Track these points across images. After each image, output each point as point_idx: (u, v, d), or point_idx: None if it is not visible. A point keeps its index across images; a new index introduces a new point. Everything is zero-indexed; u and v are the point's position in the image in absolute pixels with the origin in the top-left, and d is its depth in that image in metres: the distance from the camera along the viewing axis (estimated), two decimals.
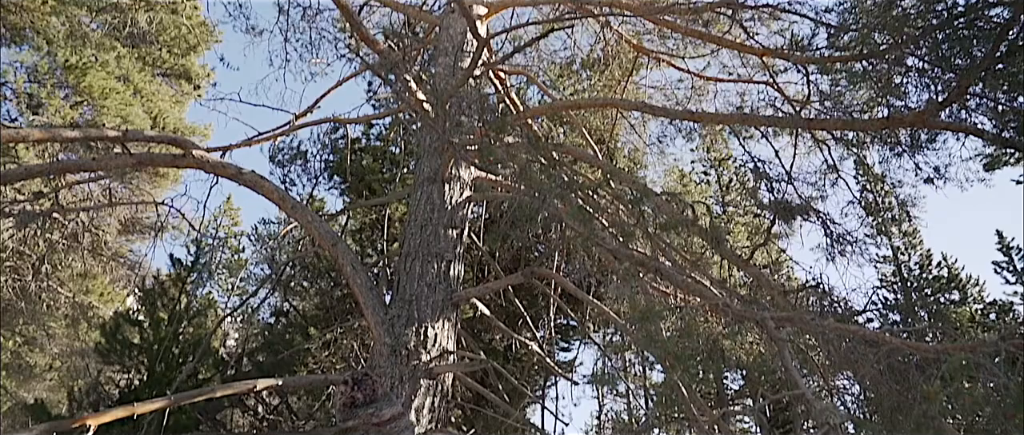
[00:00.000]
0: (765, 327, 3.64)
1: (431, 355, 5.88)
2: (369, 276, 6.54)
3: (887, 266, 16.78)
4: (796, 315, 4.21)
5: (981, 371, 3.23)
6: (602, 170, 6.98)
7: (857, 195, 8.99)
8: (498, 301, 8.70)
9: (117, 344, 8.86)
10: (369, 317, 6.10)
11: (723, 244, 6.29)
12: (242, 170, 6.44)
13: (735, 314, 4.17)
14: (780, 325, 3.79)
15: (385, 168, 10.88)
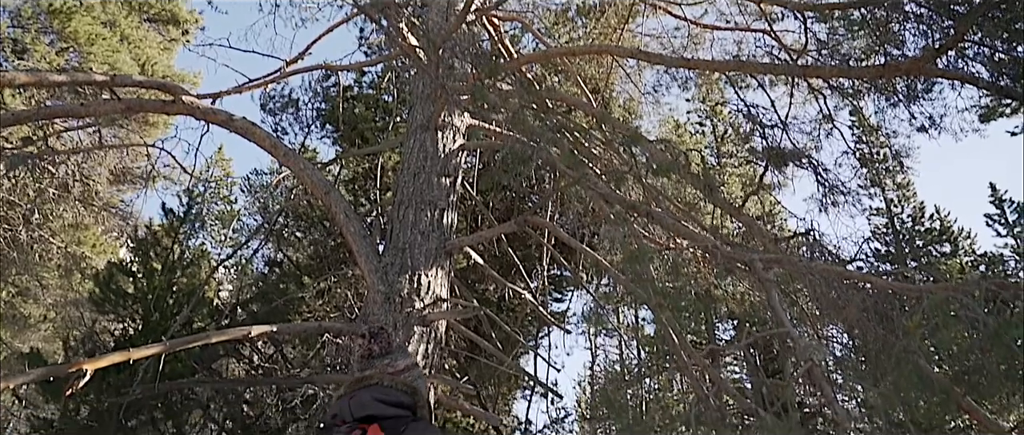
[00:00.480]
0: (753, 269, 3.66)
1: (425, 303, 5.90)
2: (362, 224, 6.53)
3: (880, 218, 16.85)
4: (784, 258, 4.22)
5: (961, 308, 3.25)
6: (595, 116, 6.94)
7: (851, 146, 8.99)
8: (491, 251, 8.71)
9: (111, 294, 8.87)
10: (362, 265, 6.11)
11: (716, 192, 6.29)
12: (232, 116, 6.37)
13: (724, 256, 4.18)
14: (768, 267, 3.80)
15: (378, 116, 10.77)
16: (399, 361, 2.75)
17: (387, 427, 2.29)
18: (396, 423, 2.34)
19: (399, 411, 2.41)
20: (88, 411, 8.49)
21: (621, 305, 15.25)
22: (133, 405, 8.23)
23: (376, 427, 2.27)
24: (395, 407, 2.40)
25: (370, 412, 2.34)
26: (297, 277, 8.69)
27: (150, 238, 9.51)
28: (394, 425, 2.31)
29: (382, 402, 2.38)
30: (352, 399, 2.41)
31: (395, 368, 2.67)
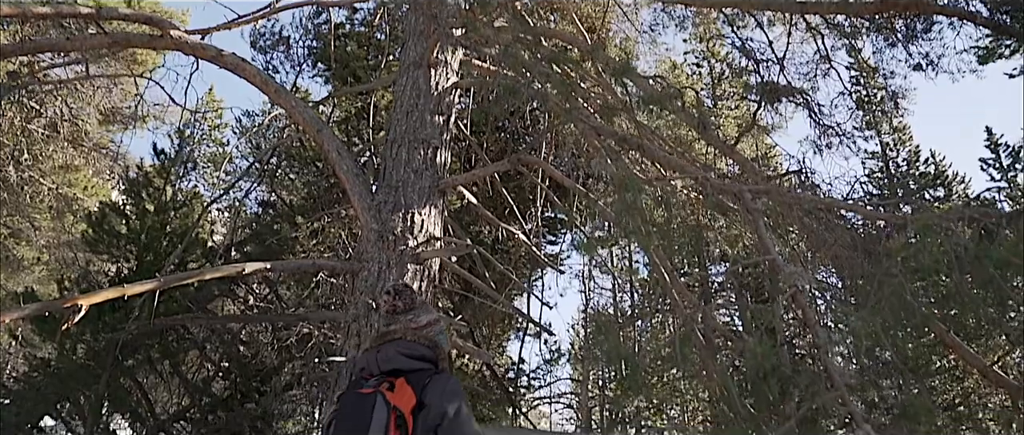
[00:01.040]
0: (742, 199, 3.66)
1: (418, 241, 5.90)
2: (355, 162, 6.49)
3: (875, 162, 16.82)
4: (772, 188, 4.22)
5: (944, 233, 3.25)
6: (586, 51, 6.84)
7: (848, 87, 8.92)
8: (486, 192, 8.68)
9: (104, 234, 8.84)
10: (356, 203, 6.09)
11: (709, 129, 6.25)
12: (222, 52, 6.27)
13: (714, 186, 4.18)
14: (756, 197, 3.80)
15: (370, 54, 10.60)
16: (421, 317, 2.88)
17: (412, 380, 2.48)
18: (420, 376, 2.52)
19: (422, 364, 2.59)
20: (85, 350, 8.55)
21: (615, 247, 15.34)
22: (129, 344, 8.29)
23: (402, 380, 2.46)
24: (419, 360, 2.59)
25: (396, 366, 2.54)
26: (291, 217, 8.67)
27: (142, 178, 9.44)
28: (418, 377, 2.50)
29: (407, 356, 2.58)
30: (379, 353, 2.61)
31: (417, 324, 2.80)
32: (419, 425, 2.36)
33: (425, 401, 2.41)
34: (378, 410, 2.34)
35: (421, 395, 2.42)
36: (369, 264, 5.79)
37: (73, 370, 8.29)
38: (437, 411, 2.39)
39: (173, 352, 9.32)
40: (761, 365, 2.08)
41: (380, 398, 2.37)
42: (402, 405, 2.38)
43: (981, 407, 12.25)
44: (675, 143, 6.82)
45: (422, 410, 2.39)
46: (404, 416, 2.35)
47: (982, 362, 4.02)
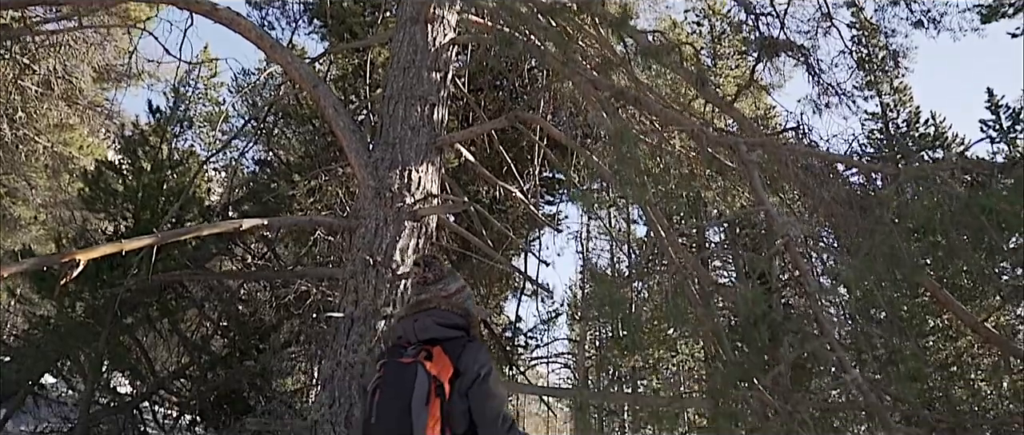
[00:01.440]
0: (738, 151, 3.65)
1: (415, 198, 5.90)
2: (351, 119, 6.46)
3: (875, 123, 16.78)
4: (768, 141, 4.21)
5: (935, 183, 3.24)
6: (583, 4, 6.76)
7: (849, 45, 8.85)
8: (483, 151, 8.64)
9: (101, 192, 8.81)
10: (352, 160, 6.07)
11: (708, 86, 6.20)
12: (217, 6, 6.20)
13: (710, 139, 4.18)
14: (752, 149, 3.79)
15: (366, 10, 10.47)
16: (451, 285, 3.06)
17: (447, 348, 2.70)
18: (454, 344, 2.75)
19: (456, 333, 2.82)
20: (83, 308, 8.58)
21: (612, 209, 15.35)
22: (128, 302, 8.32)
23: (439, 349, 2.68)
24: (453, 329, 2.82)
25: (432, 335, 2.76)
26: (287, 175, 8.64)
27: (138, 136, 9.38)
28: (453, 346, 2.73)
29: (441, 325, 2.80)
30: (416, 322, 2.82)
31: (448, 292, 2.99)
32: (455, 392, 2.59)
33: (460, 369, 2.63)
34: (419, 380, 2.55)
35: (457, 364, 2.64)
36: (366, 221, 5.80)
37: (72, 327, 8.33)
38: (470, 377, 2.62)
39: (172, 310, 9.36)
40: (752, 311, 2.09)
41: (421, 368, 2.58)
42: (440, 374, 2.59)
43: (973, 368, 12.38)
44: (673, 101, 6.77)
45: (458, 378, 2.61)
46: (442, 385, 2.57)
47: (973, 318, 4.04)
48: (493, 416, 2.62)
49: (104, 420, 9.09)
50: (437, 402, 2.54)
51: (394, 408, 2.55)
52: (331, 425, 5.06)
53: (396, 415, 2.52)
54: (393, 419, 2.53)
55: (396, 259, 5.64)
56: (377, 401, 2.63)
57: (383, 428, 2.57)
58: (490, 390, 2.65)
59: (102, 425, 9.09)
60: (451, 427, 2.57)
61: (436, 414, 2.52)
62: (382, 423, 2.57)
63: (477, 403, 2.63)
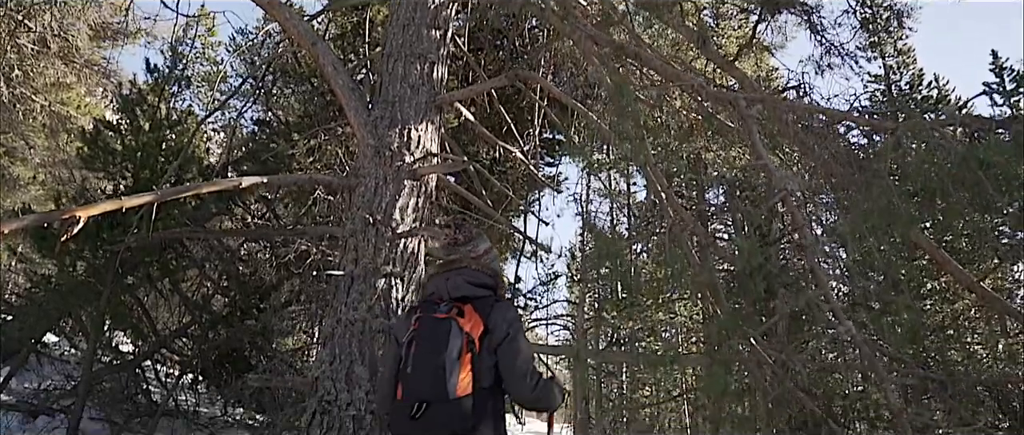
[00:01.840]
0: (737, 107, 3.64)
1: (415, 157, 5.89)
2: (351, 78, 6.42)
3: (877, 85, 16.67)
4: (767, 96, 4.19)
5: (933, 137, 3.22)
6: None
7: (853, 5, 8.76)
8: (483, 112, 8.61)
9: (99, 151, 8.79)
10: (351, 118, 6.05)
11: (709, 45, 6.15)
12: None
13: (709, 94, 4.16)
14: (751, 104, 3.77)
15: None
16: (479, 246, 3.35)
17: (478, 306, 2.95)
18: (484, 303, 2.99)
19: (485, 292, 3.07)
20: (84, 267, 8.62)
21: (612, 171, 15.33)
22: (128, 262, 8.35)
23: (470, 307, 2.92)
24: (482, 288, 3.07)
25: (463, 293, 3.00)
26: (286, 134, 8.62)
27: (135, 95, 9.32)
28: (483, 304, 2.97)
29: (472, 284, 3.05)
30: (448, 281, 3.07)
31: (477, 253, 3.28)
32: (484, 348, 2.85)
33: (490, 327, 2.88)
34: (453, 335, 2.80)
35: (486, 321, 2.89)
36: (366, 179, 5.80)
37: (73, 286, 8.37)
38: (499, 336, 2.88)
39: (172, 270, 9.40)
40: (748, 263, 2.11)
41: (454, 325, 2.83)
42: (472, 331, 2.84)
43: (970, 331, 12.47)
44: (674, 60, 6.72)
45: (487, 335, 2.86)
46: (474, 341, 2.82)
47: (970, 278, 4.06)
48: (522, 372, 2.86)
49: (107, 378, 9.19)
50: (468, 356, 2.80)
51: (429, 360, 2.80)
52: (332, 381, 5.10)
53: (431, 367, 2.77)
54: (428, 370, 2.77)
55: (396, 218, 5.65)
56: (413, 353, 2.87)
57: (418, 378, 2.81)
58: (519, 348, 2.88)
59: (105, 382, 9.20)
60: (478, 380, 2.81)
61: (467, 367, 2.78)
62: (417, 373, 2.82)
63: (507, 360, 2.88)
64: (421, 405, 2.79)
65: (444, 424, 2.75)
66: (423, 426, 2.78)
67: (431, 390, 2.78)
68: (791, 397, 2.21)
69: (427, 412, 2.77)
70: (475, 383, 2.82)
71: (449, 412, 2.75)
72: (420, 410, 2.79)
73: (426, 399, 2.79)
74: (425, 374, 2.80)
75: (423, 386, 2.81)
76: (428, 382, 2.79)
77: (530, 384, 2.90)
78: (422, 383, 2.81)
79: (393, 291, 5.42)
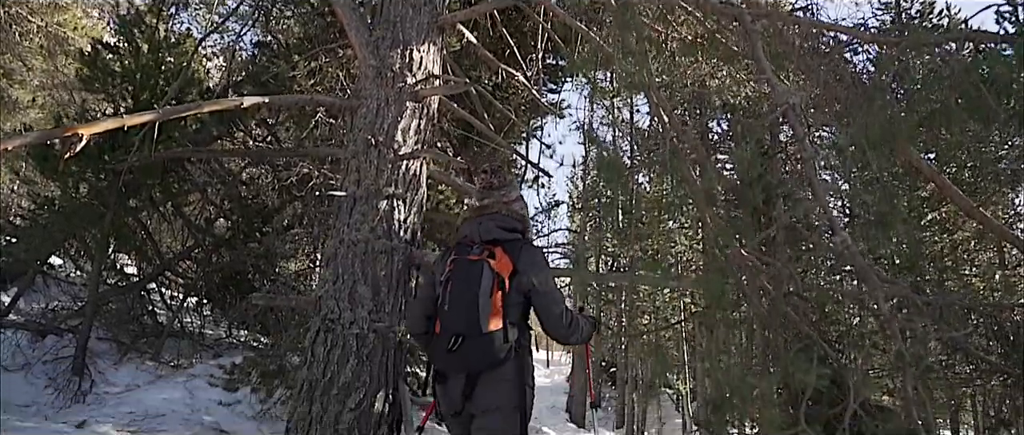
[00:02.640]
0: (742, 21, 3.59)
1: (416, 78, 5.85)
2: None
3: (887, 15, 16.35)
4: (772, 11, 4.13)
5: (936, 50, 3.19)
6: None
7: None
8: (486, 35, 8.49)
9: (99, 72, 8.71)
10: (353, 39, 5.99)
11: None
12: None
13: (713, 8, 4.11)
14: (756, 19, 3.73)
15: None
16: (511, 193, 3.57)
17: (507, 248, 3.23)
18: (513, 245, 3.28)
19: (514, 235, 3.35)
20: (87, 189, 8.66)
21: (616, 98, 15.22)
22: (131, 184, 8.39)
23: (500, 249, 3.21)
24: (511, 232, 3.34)
25: (494, 236, 3.28)
26: (287, 56, 8.52)
27: (133, 16, 9.19)
28: (512, 246, 3.26)
29: (502, 229, 3.33)
30: (480, 225, 3.35)
31: (508, 199, 3.51)
32: (513, 287, 3.13)
33: (519, 268, 3.16)
34: (485, 275, 3.09)
35: (515, 262, 3.17)
36: (367, 101, 5.77)
37: (77, 208, 8.43)
38: (528, 277, 3.14)
39: (174, 193, 9.45)
40: (747, 172, 2.13)
41: (486, 266, 3.12)
42: (502, 271, 3.13)
43: (968, 263, 12.57)
44: None
45: (516, 275, 3.14)
46: (504, 280, 3.10)
47: (970, 203, 4.07)
48: (557, 314, 3.18)
49: (113, 299, 9.34)
50: (499, 294, 3.09)
51: (464, 298, 3.10)
52: (335, 301, 5.18)
53: (465, 303, 3.07)
54: (463, 307, 3.08)
55: (397, 140, 5.64)
56: (449, 291, 3.17)
57: (454, 314, 3.12)
58: (550, 291, 3.18)
59: (111, 304, 9.35)
60: (508, 317, 3.11)
61: (498, 304, 3.08)
62: (453, 310, 3.13)
63: (543, 304, 3.19)
64: (457, 339, 3.09)
65: (478, 356, 3.07)
66: (459, 358, 3.10)
67: (466, 325, 3.08)
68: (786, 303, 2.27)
69: (462, 345, 3.08)
70: (505, 319, 3.11)
71: (482, 345, 3.06)
72: (456, 343, 3.09)
73: (461, 333, 3.09)
74: (460, 311, 3.12)
75: (458, 322, 3.11)
76: (463, 318, 3.09)
77: (565, 323, 3.21)
78: (457, 319, 3.11)
79: (395, 212, 5.45)
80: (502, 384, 3.14)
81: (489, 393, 3.13)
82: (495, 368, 3.12)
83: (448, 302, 3.20)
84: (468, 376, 3.14)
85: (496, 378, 3.13)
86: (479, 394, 3.13)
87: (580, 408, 18.30)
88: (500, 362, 3.11)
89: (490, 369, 3.11)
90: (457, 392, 3.18)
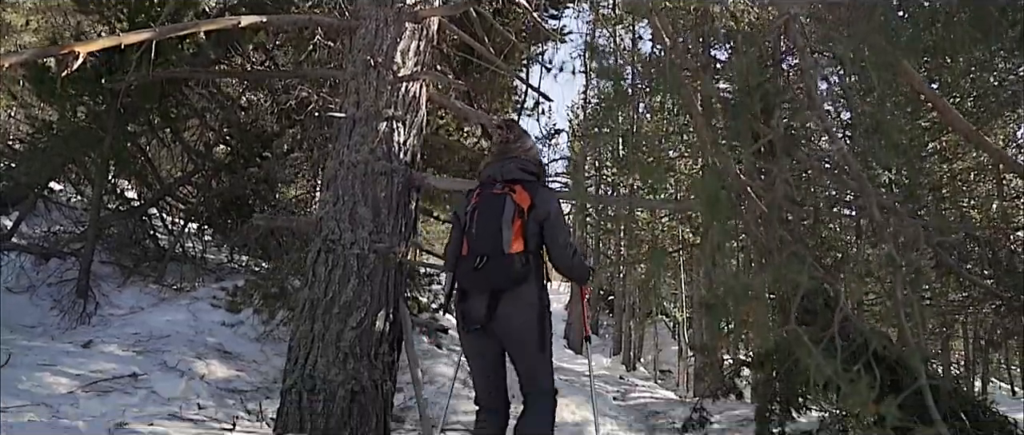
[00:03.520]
0: None
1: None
2: None
3: None
4: None
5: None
6: None
7: None
8: None
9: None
10: None
11: None
12: None
13: None
14: None
15: None
16: (527, 142, 3.96)
17: (526, 187, 3.62)
18: (531, 185, 3.67)
19: (532, 177, 3.73)
20: (85, 112, 8.61)
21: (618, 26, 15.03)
22: (129, 108, 8.35)
23: (520, 187, 3.60)
24: (530, 174, 3.71)
25: (515, 176, 3.65)
26: None
27: None
28: (530, 186, 3.65)
29: (521, 170, 3.69)
30: (502, 167, 3.72)
31: (525, 147, 3.90)
32: (531, 218, 3.51)
33: (535, 203, 3.54)
34: (507, 206, 3.50)
35: (533, 199, 3.55)
36: (366, 22, 5.72)
37: (75, 131, 8.40)
38: (543, 210, 3.54)
39: (173, 118, 9.40)
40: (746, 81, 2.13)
41: (508, 198, 3.53)
42: (521, 203, 3.52)
43: (966, 195, 12.60)
44: None
45: (533, 209, 3.52)
46: (523, 211, 3.50)
47: (968, 126, 4.05)
48: (563, 242, 3.58)
49: (114, 224, 9.39)
50: (519, 223, 3.49)
51: (489, 223, 3.51)
52: (335, 221, 5.24)
53: (490, 228, 3.49)
54: (488, 231, 3.49)
55: (397, 61, 5.61)
56: (476, 218, 3.57)
57: (480, 237, 3.51)
58: (561, 224, 3.60)
59: (112, 228, 9.41)
60: (526, 243, 3.50)
61: (517, 230, 3.48)
62: (479, 233, 3.53)
63: (551, 233, 3.55)
64: (482, 258, 3.48)
65: (500, 274, 3.45)
66: (484, 275, 3.47)
67: (490, 246, 3.48)
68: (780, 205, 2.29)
69: (487, 264, 3.46)
70: (524, 244, 3.51)
71: (504, 264, 3.44)
72: (481, 262, 3.48)
73: (486, 253, 3.48)
74: (486, 234, 3.51)
75: (484, 243, 3.50)
76: (488, 240, 3.49)
77: (568, 254, 3.59)
78: (483, 241, 3.51)
79: (395, 134, 5.46)
80: (522, 302, 3.49)
81: (510, 310, 3.47)
82: (516, 287, 3.47)
83: (475, 226, 3.56)
84: (491, 294, 3.48)
85: (516, 296, 3.48)
86: (501, 311, 3.46)
87: (578, 336, 18.64)
88: (520, 281, 3.47)
89: (511, 287, 3.46)
90: (481, 309, 3.49)
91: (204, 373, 7.28)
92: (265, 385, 7.65)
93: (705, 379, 12.69)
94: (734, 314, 1.71)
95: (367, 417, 4.98)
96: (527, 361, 3.58)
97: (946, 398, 4.66)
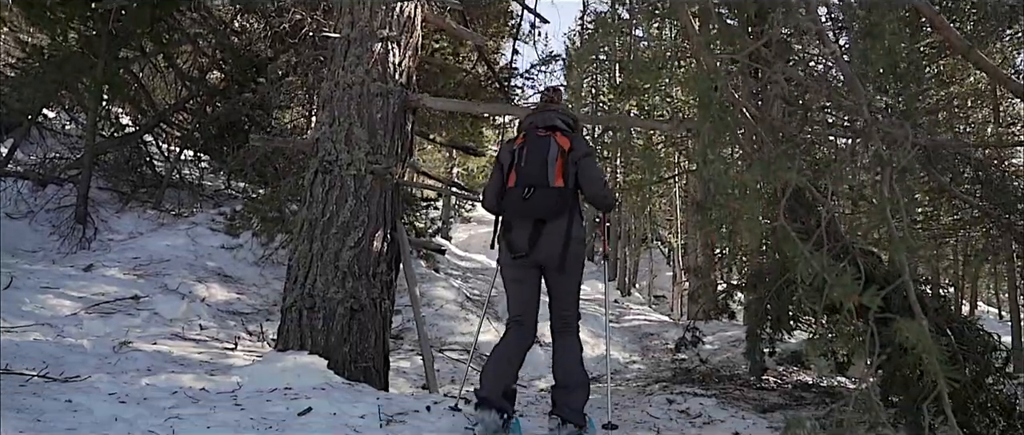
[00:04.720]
0: None
1: None
2: None
3: None
4: None
5: None
6: None
7: None
8: None
9: None
10: None
11: None
12: None
13: None
14: None
15: None
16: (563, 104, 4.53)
17: (565, 133, 4.05)
18: (568, 133, 4.10)
19: (568, 127, 4.18)
20: (76, 38, 8.52)
21: None
22: (121, 33, 8.25)
23: (558, 133, 4.04)
24: (566, 125, 4.17)
25: (555, 123, 4.11)
26: None
27: None
28: (568, 133, 4.09)
29: (561, 120, 4.16)
30: (544, 115, 4.16)
31: (562, 106, 4.47)
32: (570, 159, 3.93)
33: (573, 146, 3.98)
34: (552, 146, 3.96)
35: (571, 142, 3.99)
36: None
37: (67, 57, 8.32)
38: (580, 151, 3.98)
39: (165, 44, 9.30)
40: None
41: (552, 139, 3.98)
42: (563, 145, 3.97)
43: (962, 121, 12.56)
44: None
45: (571, 151, 3.96)
46: (565, 151, 3.95)
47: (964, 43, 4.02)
48: (597, 177, 4.04)
49: (110, 150, 9.38)
50: (561, 160, 3.94)
51: (537, 158, 3.94)
52: (332, 142, 5.25)
53: (538, 162, 3.93)
54: (536, 165, 3.93)
55: None
56: (525, 154, 3.99)
57: (529, 170, 3.94)
58: (595, 163, 4.07)
59: (109, 154, 9.40)
60: (566, 179, 3.91)
61: (559, 167, 3.93)
62: (528, 166, 3.94)
63: (586, 170, 3.98)
64: (530, 189, 3.89)
65: (544, 203, 3.87)
66: (531, 204, 3.88)
67: (537, 179, 3.90)
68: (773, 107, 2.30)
69: (534, 194, 3.88)
70: (564, 181, 3.92)
71: (548, 195, 3.88)
72: (529, 192, 3.89)
73: (534, 184, 3.90)
74: (534, 167, 3.93)
75: (533, 175, 3.92)
76: (536, 173, 3.92)
77: (600, 185, 4.04)
78: (532, 173, 3.93)
79: (390, 55, 5.42)
80: (559, 232, 3.89)
81: (549, 240, 3.88)
82: (556, 218, 3.89)
83: (525, 161, 3.98)
84: (535, 223, 3.89)
85: (556, 227, 3.89)
86: (542, 242, 3.87)
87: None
88: (559, 213, 3.89)
89: (552, 218, 3.88)
90: (523, 239, 3.91)
91: (205, 296, 7.41)
92: (265, 307, 7.79)
93: (698, 301, 12.86)
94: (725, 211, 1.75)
95: (366, 334, 5.09)
96: (561, 287, 4.01)
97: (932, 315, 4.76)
